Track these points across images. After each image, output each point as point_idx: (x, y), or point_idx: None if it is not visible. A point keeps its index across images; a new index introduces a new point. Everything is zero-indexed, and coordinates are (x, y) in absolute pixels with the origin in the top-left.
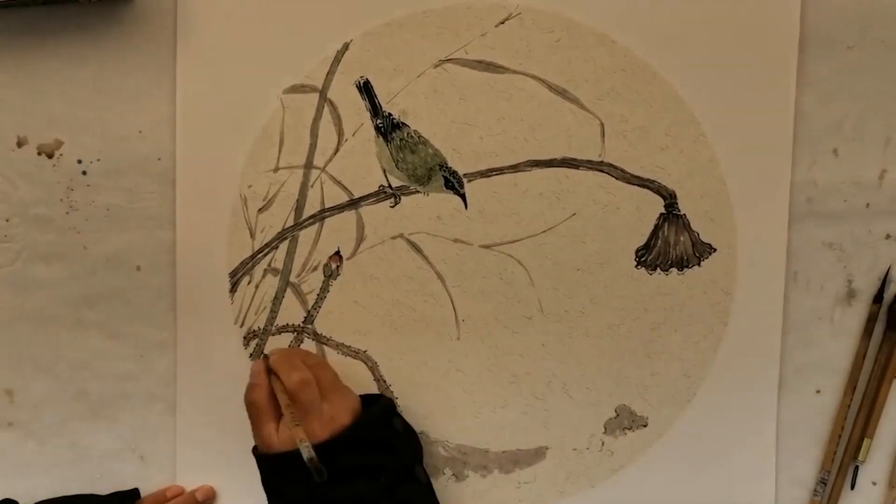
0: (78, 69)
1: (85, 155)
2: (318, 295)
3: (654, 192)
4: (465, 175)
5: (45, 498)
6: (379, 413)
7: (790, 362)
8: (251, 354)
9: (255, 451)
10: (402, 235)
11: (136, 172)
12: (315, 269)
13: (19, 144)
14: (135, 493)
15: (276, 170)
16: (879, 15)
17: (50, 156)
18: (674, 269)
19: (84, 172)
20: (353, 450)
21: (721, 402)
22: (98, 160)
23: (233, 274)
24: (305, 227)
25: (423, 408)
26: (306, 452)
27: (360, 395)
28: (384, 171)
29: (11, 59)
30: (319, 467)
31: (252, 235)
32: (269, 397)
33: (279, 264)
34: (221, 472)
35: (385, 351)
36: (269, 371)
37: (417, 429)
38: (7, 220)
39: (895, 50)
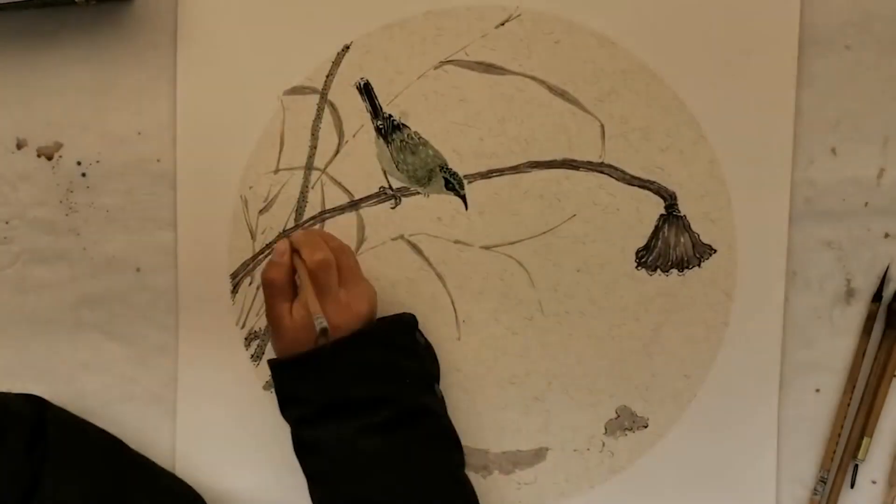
0: (78, 71)
1: (84, 157)
2: None
3: (655, 194)
4: (465, 176)
5: None
6: (403, 321)
7: (790, 361)
8: (252, 356)
9: (271, 361)
10: (402, 236)
11: (136, 174)
12: None
13: (19, 146)
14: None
15: (277, 171)
16: (877, 14)
17: (49, 158)
18: (674, 270)
19: (84, 174)
20: (378, 347)
21: (721, 402)
22: (98, 162)
23: (234, 275)
24: (306, 228)
25: None
26: (319, 324)
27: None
28: (384, 173)
29: (11, 60)
30: (328, 342)
31: (253, 237)
32: (287, 277)
33: None
34: (222, 473)
35: None
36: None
37: None
38: (7, 223)
39: (893, 49)
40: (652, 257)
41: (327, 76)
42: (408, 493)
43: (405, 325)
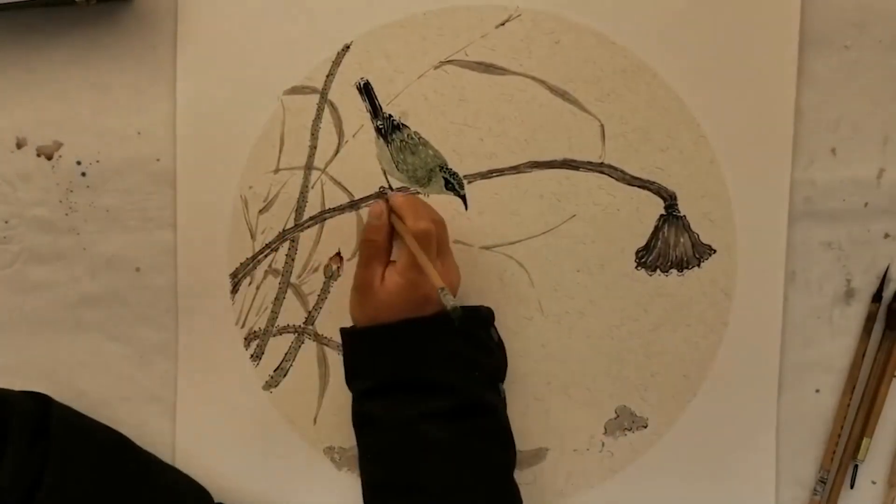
0: (77, 70)
1: (84, 156)
2: (318, 296)
3: (655, 194)
4: (465, 176)
5: None
6: (482, 313)
7: (789, 362)
8: (252, 356)
9: (347, 329)
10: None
11: (136, 173)
12: (316, 270)
13: (18, 146)
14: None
15: (277, 171)
16: (877, 14)
17: (49, 157)
18: (674, 270)
19: (83, 174)
20: (458, 335)
21: (721, 402)
22: (97, 161)
23: (233, 275)
24: (306, 228)
25: None
26: (449, 301)
27: None
28: (384, 173)
29: (10, 60)
30: (459, 312)
31: (253, 237)
32: (387, 239)
33: (280, 265)
34: (222, 474)
35: None
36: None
37: None
38: (6, 222)
39: (893, 49)
40: (652, 257)
41: (327, 76)
42: (457, 485)
43: (483, 317)
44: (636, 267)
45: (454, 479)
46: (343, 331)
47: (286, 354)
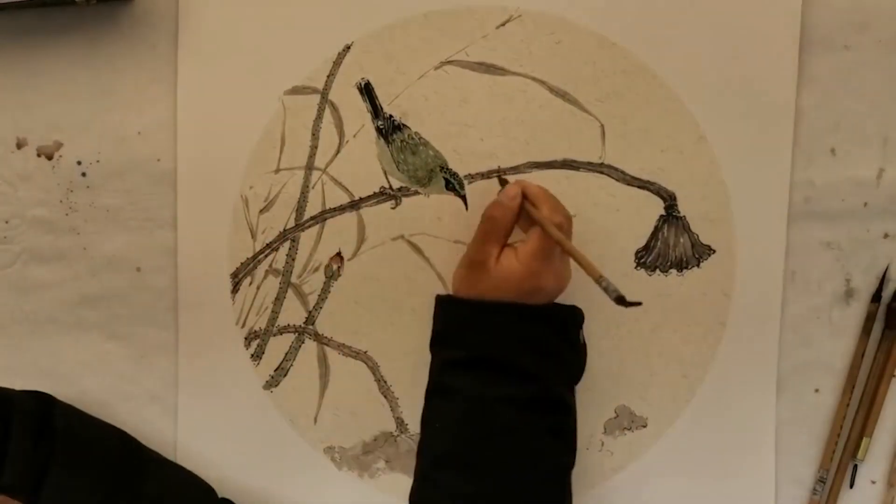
0: (77, 70)
1: (84, 156)
2: (319, 296)
3: (654, 194)
4: (465, 176)
5: None
6: (578, 314)
7: (789, 362)
8: (252, 356)
9: (447, 297)
10: (402, 237)
11: (136, 173)
12: (316, 269)
13: (19, 146)
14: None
15: (278, 171)
16: (877, 14)
17: (49, 157)
18: (673, 271)
19: (84, 174)
20: (554, 328)
21: (720, 402)
22: (98, 161)
23: (234, 275)
24: (306, 228)
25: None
26: (614, 292)
27: None
28: (385, 173)
29: (11, 60)
30: (622, 296)
31: (253, 236)
32: (511, 221)
33: (280, 265)
34: (222, 473)
35: (386, 352)
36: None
37: (418, 429)
38: (7, 222)
39: (893, 49)
40: (651, 258)
41: (328, 76)
42: (519, 476)
43: (579, 317)
44: (636, 267)
45: (518, 468)
46: (442, 297)
47: (286, 354)
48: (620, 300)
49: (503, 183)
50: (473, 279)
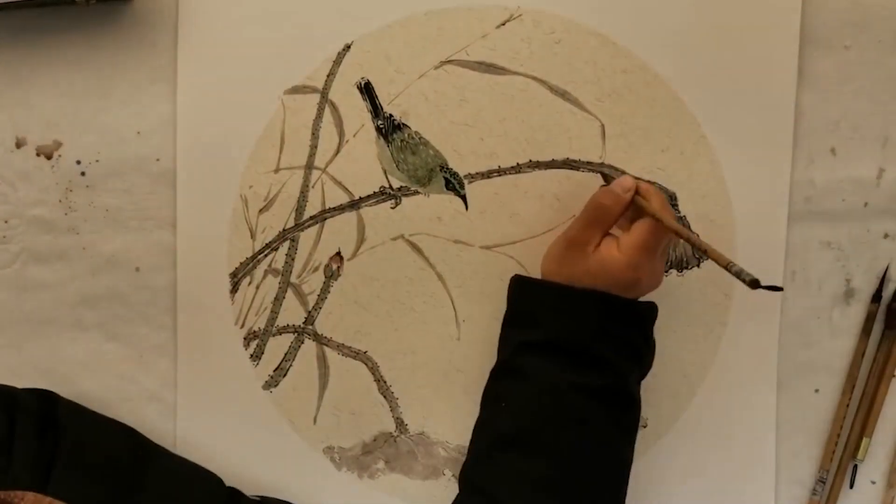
0: (77, 70)
1: (84, 156)
2: (318, 296)
3: None
4: (465, 176)
5: None
6: (656, 311)
7: (789, 362)
8: (252, 356)
9: (530, 280)
10: (402, 236)
11: (136, 173)
12: (316, 269)
13: (18, 145)
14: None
15: (277, 170)
16: (877, 14)
17: (49, 157)
18: (673, 271)
19: (83, 173)
20: (637, 323)
21: (720, 402)
22: (97, 161)
23: (233, 275)
24: (306, 227)
25: (423, 409)
26: (742, 270)
27: None
28: (385, 172)
29: (10, 60)
30: (756, 279)
31: (253, 236)
32: (620, 212)
33: (280, 265)
34: (221, 473)
35: (386, 352)
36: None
37: (417, 429)
38: (6, 222)
39: (893, 49)
40: None
41: (328, 76)
42: (582, 466)
43: (655, 315)
44: None
45: (584, 458)
46: (524, 278)
47: (286, 354)
48: (755, 284)
49: (607, 178)
50: (568, 260)
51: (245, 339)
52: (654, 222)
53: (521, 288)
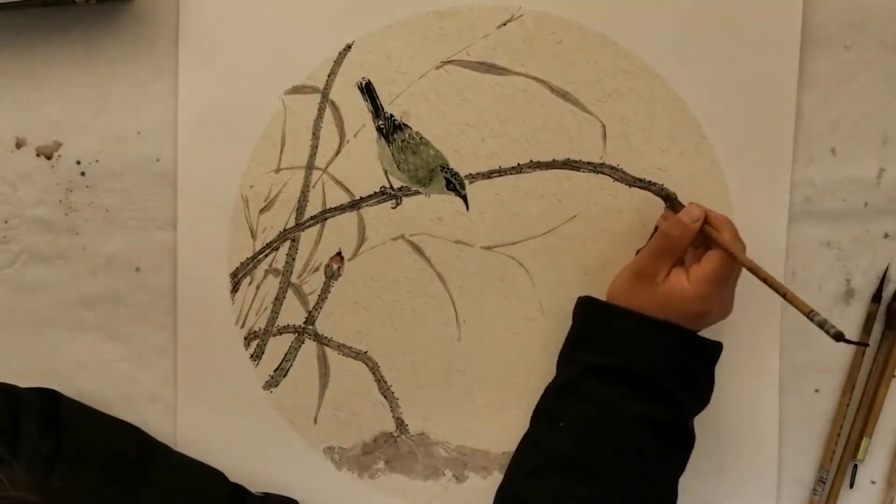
0: (77, 70)
1: (84, 156)
2: (319, 296)
3: (656, 195)
4: (466, 176)
5: None
6: (719, 349)
7: (789, 362)
8: (252, 356)
9: (599, 301)
10: (403, 236)
11: (136, 173)
12: (316, 269)
13: (18, 146)
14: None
15: (278, 170)
16: (877, 14)
17: (49, 157)
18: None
19: (83, 174)
20: (704, 362)
21: (721, 402)
22: (97, 161)
23: (234, 275)
24: (307, 227)
25: (423, 409)
26: (826, 321)
27: None
28: (385, 173)
29: (10, 60)
30: (841, 332)
31: (253, 236)
32: (689, 242)
33: (280, 265)
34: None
35: (386, 352)
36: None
37: (417, 430)
38: (6, 222)
39: (893, 49)
40: None
41: (329, 76)
42: (631, 496)
43: (719, 354)
44: None
45: (635, 488)
46: (596, 301)
47: (286, 354)
48: (839, 337)
49: (666, 199)
50: (637, 290)
51: (245, 339)
52: (726, 255)
53: (595, 311)
